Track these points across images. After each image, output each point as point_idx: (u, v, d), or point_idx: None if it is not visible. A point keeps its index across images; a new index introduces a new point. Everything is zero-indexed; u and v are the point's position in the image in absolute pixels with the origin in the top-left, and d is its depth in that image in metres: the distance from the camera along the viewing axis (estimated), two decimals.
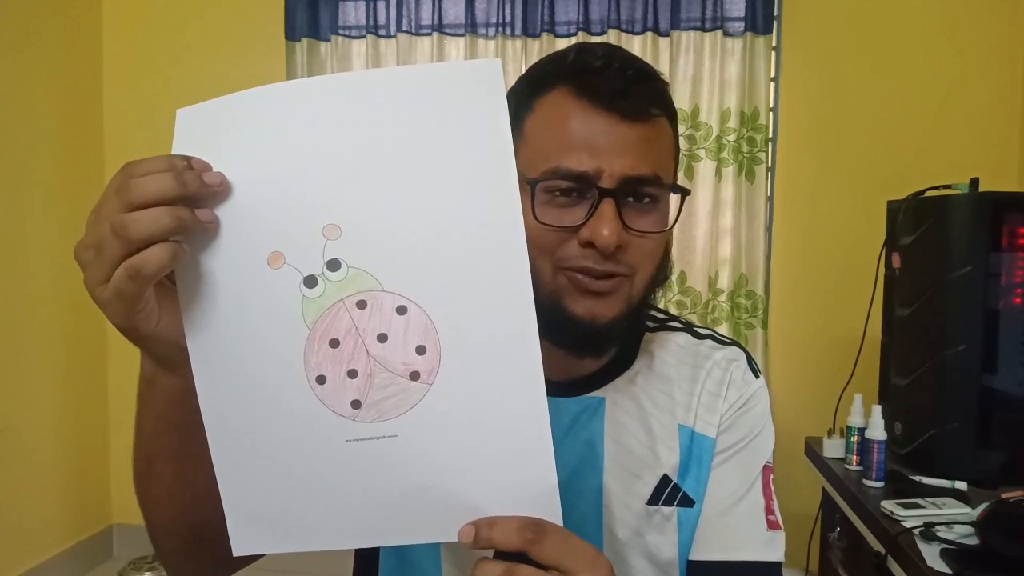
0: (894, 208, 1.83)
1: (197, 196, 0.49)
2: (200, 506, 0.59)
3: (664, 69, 2.52)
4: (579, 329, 0.67)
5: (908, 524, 1.37)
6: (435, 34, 2.67)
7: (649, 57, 2.52)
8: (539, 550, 0.50)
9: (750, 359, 0.79)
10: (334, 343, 0.51)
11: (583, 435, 0.74)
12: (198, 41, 2.86)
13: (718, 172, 2.58)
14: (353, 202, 0.50)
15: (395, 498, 0.52)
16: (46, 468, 2.67)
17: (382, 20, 2.72)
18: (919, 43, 2.51)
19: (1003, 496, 1.31)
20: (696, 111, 2.58)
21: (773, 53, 2.60)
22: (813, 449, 1.93)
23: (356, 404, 0.51)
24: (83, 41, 2.84)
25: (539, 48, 2.62)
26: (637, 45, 2.57)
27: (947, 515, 1.40)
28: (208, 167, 0.50)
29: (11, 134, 2.51)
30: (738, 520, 0.73)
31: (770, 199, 2.62)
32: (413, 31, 2.71)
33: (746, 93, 2.55)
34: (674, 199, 0.70)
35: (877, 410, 1.64)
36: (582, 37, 2.61)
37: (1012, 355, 1.60)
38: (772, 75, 2.60)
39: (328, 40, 2.75)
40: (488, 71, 0.50)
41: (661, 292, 0.74)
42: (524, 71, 0.73)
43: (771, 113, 2.61)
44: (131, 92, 2.89)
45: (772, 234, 2.63)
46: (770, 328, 2.61)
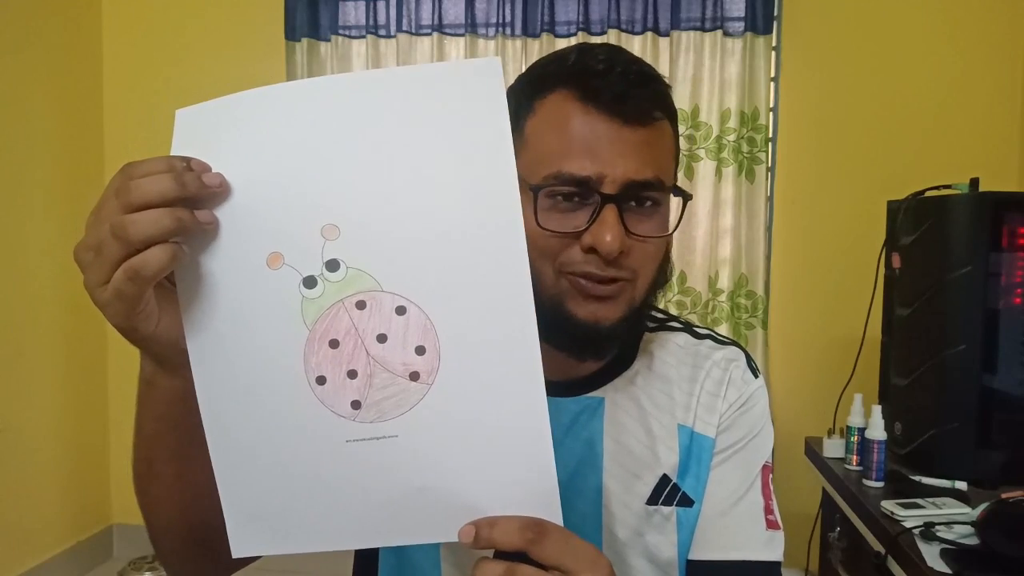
0: (894, 208, 1.83)
1: (197, 197, 0.49)
2: (200, 507, 0.59)
3: (664, 69, 2.52)
4: (581, 332, 0.67)
5: (908, 524, 1.37)
6: (435, 34, 2.67)
7: (649, 57, 2.52)
8: (540, 550, 0.50)
9: (749, 359, 0.79)
10: (334, 343, 0.51)
11: (583, 435, 0.74)
12: (198, 41, 2.86)
13: (718, 172, 2.58)
14: (352, 202, 0.50)
15: (395, 498, 0.52)
16: (46, 468, 2.67)
17: (382, 20, 2.72)
18: (919, 43, 2.51)
19: (1003, 496, 1.31)
20: (696, 111, 2.58)
21: (773, 53, 2.60)
22: (813, 449, 1.93)
23: (356, 404, 0.51)
24: (83, 41, 2.84)
25: (539, 48, 2.62)
26: (637, 45, 2.57)
27: (947, 515, 1.40)
28: (207, 168, 0.50)
29: (11, 134, 2.51)
30: (737, 520, 0.73)
31: (770, 199, 2.62)
32: (413, 31, 2.71)
33: (746, 93, 2.54)
34: (675, 200, 0.70)
35: (877, 410, 1.64)
36: (582, 37, 2.61)
37: (1012, 355, 1.60)
38: (772, 75, 2.60)
39: (328, 40, 2.75)
40: (488, 70, 0.50)
41: (661, 293, 0.74)
42: (524, 70, 0.72)
43: (771, 113, 2.60)
44: (131, 92, 2.89)
45: (772, 234, 2.63)
46: (770, 328, 2.61)
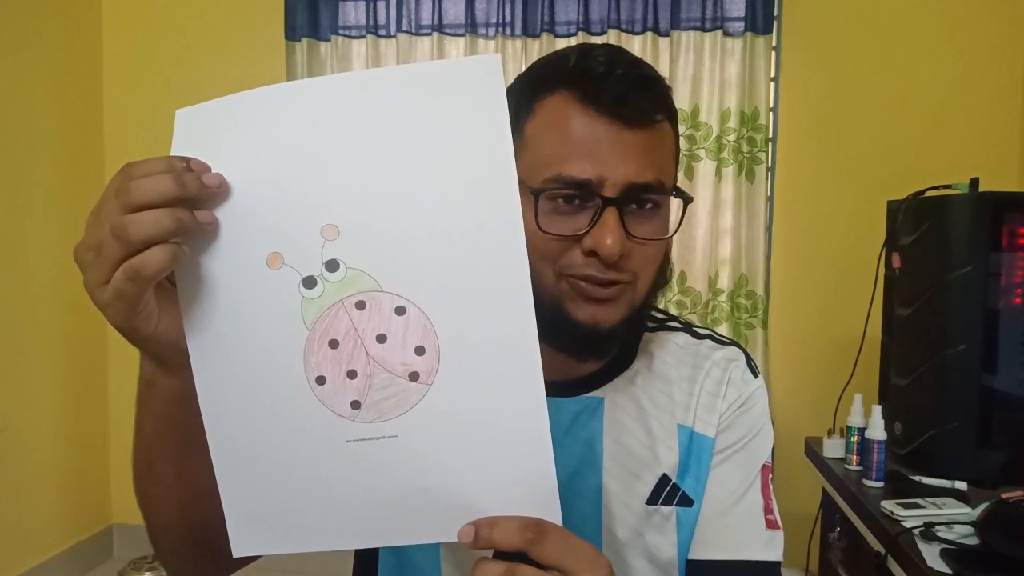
0: (894, 208, 1.83)
1: (196, 197, 0.49)
2: (200, 507, 0.59)
3: (664, 69, 2.52)
4: (581, 334, 0.67)
5: (908, 524, 1.37)
6: (435, 34, 2.67)
7: (649, 57, 2.51)
8: (539, 550, 0.50)
9: (749, 359, 0.79)
10: (333, 344, 0.51)
11: (582, 435, 0.74)
12: (198, 41, 2.86)
13: (718, 172, 2.58)
14: (351, 202, 0.50)
15: (395, 498, 0.52)
16: (46, 468, 2.67)
17: (382, 20, 2.72)
18: (919, 43, 2.51)
19: (1003, 496, 1.31)
20: (696, 111, 2.58)
21: (773, 53, 2.60)
22: (813, 449, 1.93)
23: (356, 404, 0.51)
24: (83, 41, 2.84)
25: (539, 48, 2.62)
26: (637, 45, 2.57)
27: (947, 515, 1.40)
28: (207, 168, 0.50)
29: (11, 134, 2.51)
30: (737, 520, 0.73)
31: (770, 199, 2.62)
32: (413, 31, 2.71)
33: (746, 93, 2.54)
34: (675, 202, 0.70)
35: (877, 410, 1.64)
36: (582, 37, 2.61)
37: (1012, 355, 1.60)
38: (772, 75, 2.60)
39: (328, 40, 2.75)
40: (487, 68, 0.49)
41: (661, 293, 0.74)
42: (524, 70, 0.72)
43: (771, 113, 2.60)
44: (131, 92, 2.89)
45: (772, 234, 2.63)
46: (770, 328, 2.61)
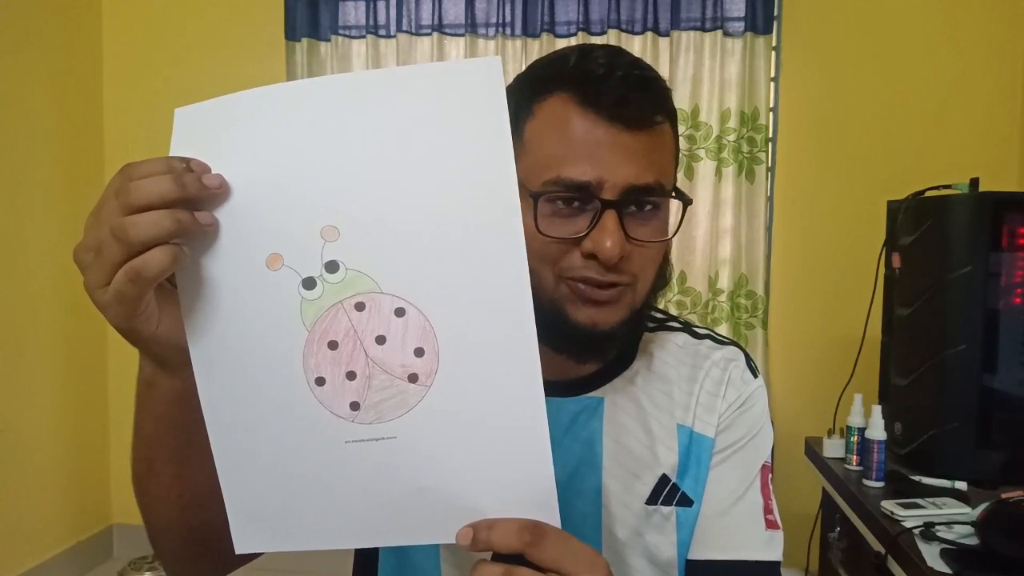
0: (894, 208, 1.83)
1: (197, 198, 0.49)
2: (199, 507, 0.59)
3: (664, 69, 2.52)
4: (580, 336, 0.67)
5: (908, 524, 1.37)
6: (435, 34, 2.67)
7: (649, 57, 2.51)
8: (538, 552, 0.50)
9: (748, 359, 0.79)
10: (333, 345, 0.51)
11: (582, 435, 0.74)
12: (198, 41, 2.86)
13: (718, 172, 2.58)
14: (351, 203, 0.50)
15: (394, 499, 0.52)
16: (46, 468, 2.67)
17: (382, 20, 2.72)
18: (919, 43, 2.51)
19: (1003, 496, 1.31)
20: (696, 111, 2.58)
21: (773, 53, 2.60)
22: (813, 449, 1.93)
23: (355, 406, 0.51)
24: (83, 41, 2.84)
25: (539, 48, 2.62)
26: (637, 45, 2.57)
27: (947, 515, 1.40)
28: (207, 169, 0.50)
29: (11, 134, 2.51)
30: (737, 520, 0.73)
31: (770, 199, 2.62)
32: (413, 31, 2.71)
33: (746, 93, 2.54)
34: (675, 202, 0.70)
35: (877, 410, 1.64)
36: (582, 37, 2.61)
37: (1012, 355, 1.60)
38: (772, 75, 2.60)
39: (328, 40, 2.75)
40: (487, 70, 0.49)
41: (661, 294, 0.74)
42: (523, 71, 0.72)
43: (771, 113, 2.60)
44: (131, 92, 2.89)
45: (772, 234, 2.63)
46: (770, 328, 2.61)
